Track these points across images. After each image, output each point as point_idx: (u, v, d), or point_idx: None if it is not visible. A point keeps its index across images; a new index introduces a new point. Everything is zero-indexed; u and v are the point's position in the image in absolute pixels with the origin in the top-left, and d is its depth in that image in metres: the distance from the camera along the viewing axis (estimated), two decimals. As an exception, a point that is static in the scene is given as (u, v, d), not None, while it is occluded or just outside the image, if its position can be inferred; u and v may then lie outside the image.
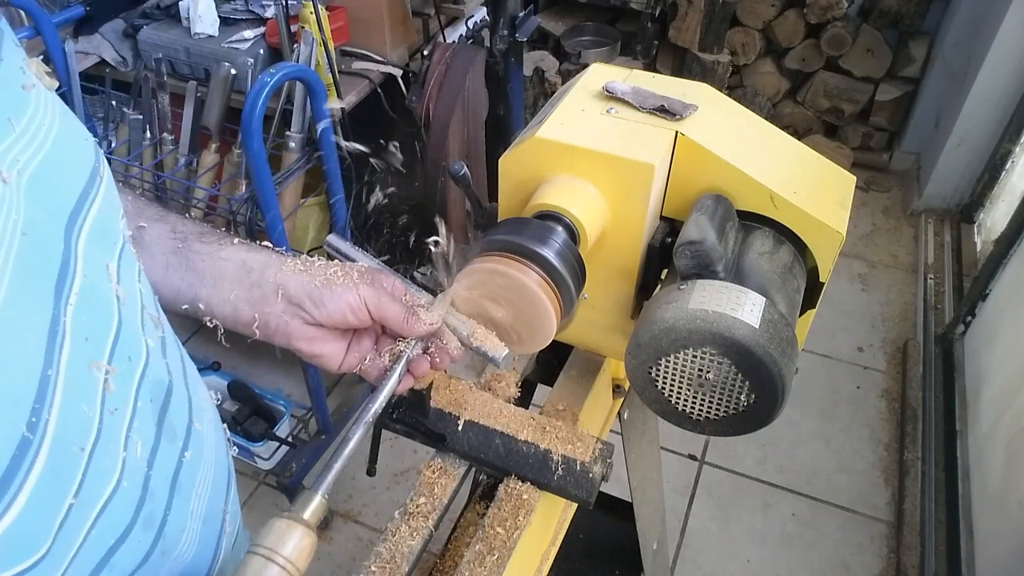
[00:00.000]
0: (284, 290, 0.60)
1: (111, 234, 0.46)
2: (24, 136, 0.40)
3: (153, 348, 0.48)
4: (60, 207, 0.42)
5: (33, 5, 1.61)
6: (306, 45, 1.56)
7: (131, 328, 0.45)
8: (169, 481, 0.49)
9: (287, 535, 0.51)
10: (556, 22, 3.02)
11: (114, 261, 0.45)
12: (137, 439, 0.44)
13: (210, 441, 0.56)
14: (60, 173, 0.42)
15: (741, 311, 0.63)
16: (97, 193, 0.45)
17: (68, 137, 0.43)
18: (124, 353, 0.44)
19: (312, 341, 0.62)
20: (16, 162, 0.38)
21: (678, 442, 2.16)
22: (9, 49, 0.40)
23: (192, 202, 1.71)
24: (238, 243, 0.62)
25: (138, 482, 0.45)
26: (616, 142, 0.70)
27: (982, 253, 2.56)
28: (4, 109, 0.39)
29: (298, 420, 1.99)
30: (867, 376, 2.36)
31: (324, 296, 0.60)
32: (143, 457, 0.45)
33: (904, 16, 2.74)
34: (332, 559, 1.93)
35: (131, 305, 0.46)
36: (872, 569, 1.89)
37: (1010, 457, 1.66)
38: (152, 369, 0.47)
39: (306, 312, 0.60)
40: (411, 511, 0.74)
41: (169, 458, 0.49)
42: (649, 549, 1.20)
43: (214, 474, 0.56)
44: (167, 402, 0.48)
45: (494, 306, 0.66)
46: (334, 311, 0.60)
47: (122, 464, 0.43)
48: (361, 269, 0.63)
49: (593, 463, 0.76)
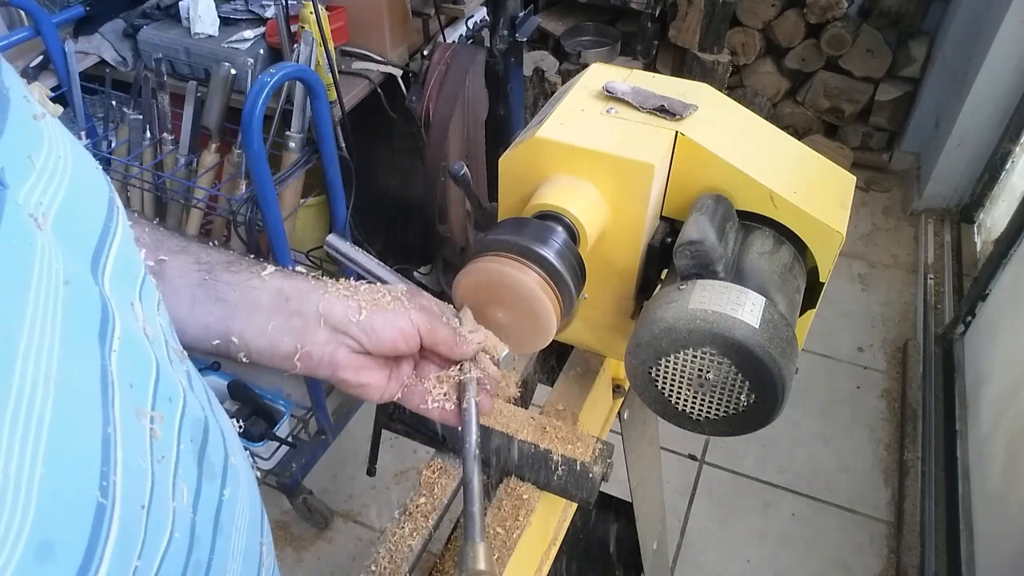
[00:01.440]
0: (329, 317, 0.56)
1: (133, 268, 0.43)
2: (44, 174, 0.36)
3: (186, 385, 0.44)
4: (85, 246, 0.38)
5: (33, 5, 1.61)
6: (306, 45, 1.56)
7: (165, 367, 0.42)
8: (212, 523, 0.46)
9: None
10: (556, 22, 3.02)
11: (136, 298, 0.42)
12: (183, 485, 0.41)
13: (244, 473, 0.52)
14: (81, 209, 0.39)
15: (741, 311, 0.63)
16: (117, 226, 0.42)
17: (82, 169, 0.40)
18: (165, 395, 0.41)
19: (360, 371, 0.58)
20: (40, 204, 0.35)
21: (678, 442, 2.16)
22: (10, 79, 0.37)
23: (192, 202, 1.71)
24: (272, 270, 0.58)
25: (186, 530, 0.42)
26: (616, 142, 0.70)
27: (982, 253, 2.56)
28: (23, 147, 0.35)
29: (298, 420, 1.99)
30: (867, 376, 2.36)
31: (375, 323, 0.56)
32: (189, 503, 0.42)
33: (904, 16, 2.74)
34: (332, 559, 1.93)
35: (158, 342, 0.43)
36: (872, 569, 1.89)
37: (1010, 457, 1.66)
38: (189, 407, 0.44)
39: (353, 340, 0.57)
40: (411, 511, 0.74)
41: (210, 499, 0.46)
42: (649, 549, 1.20)
43: (250, 506, 0.53)
44: (205, 440, 0.45)
45: (494, 306, 0.66)
46: (385, 338, 0.57)
47: (172, 515, 0.40)
48: (405, 291, 0.59)
49: (593, 463, 0.76)
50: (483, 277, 0.65)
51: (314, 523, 1.97)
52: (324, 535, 1.97)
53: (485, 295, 0.66)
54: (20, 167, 0.34)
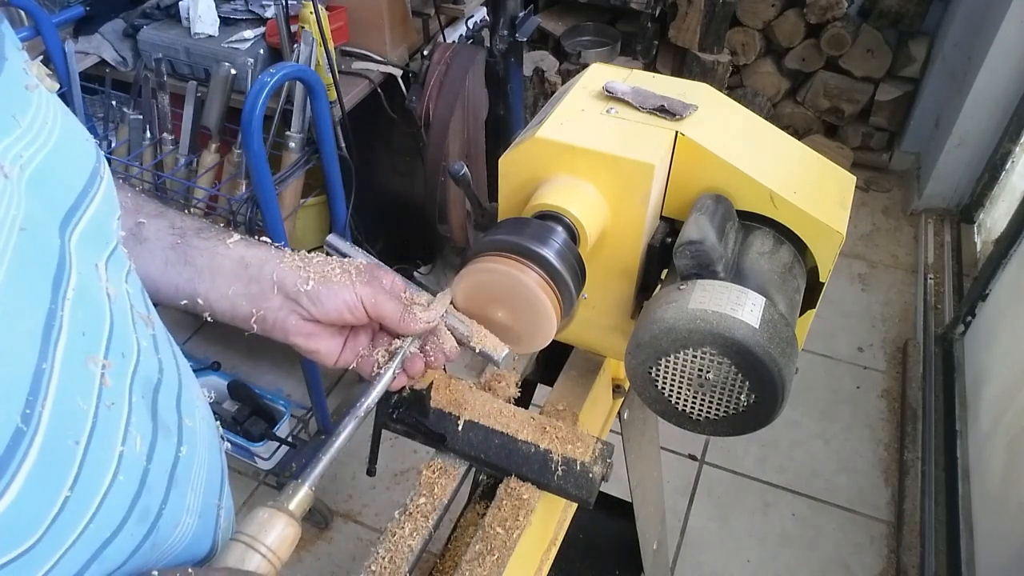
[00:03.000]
0: (281, 286, 0.60)
1: (104, 235, 0.47)
2: (28, 133, 0.40)
3: (145, 347, 0.48)
4: (58, 205, 0.42)
5: (33, 5, 1.61)
6: (306, 45, 1.56)
7: (122, 326, 0.45)
8: (167, 475, 0.49)
9: (270, 524, 0.51)
10: (556, 22, 3.02)
11: (103, 261, 0.46)
12: (136, 433, 0.45)
13: (203, 437, 0.56)
14: (61, 171, 0.43)
15: (741, 311, 0.63)
16: (96, 193, 0.46)
17: (70, 137, 0.44)
18: (118, 349, 0.44)
19: (309, 337, 0.63)
20: (19, 157, 0.39)
21: (678, 442, 2.16)
22: (12, 51, 0.41)
23: (192, 202, 1.71)
24: (237, 239, 0.62)
25: (136, 476, 0.45)
26: (616, 142, 0.70)
27: (982, 253, 2.56)
28: (9, 107, 0.40)
29: (298, 420, 1.99)
30: (867, 376, 2.36)
31: (321, 293, 0.60)
32: (142, 452, 0.46)
33: (904, 16, 2.74)
34: (332, 559, 1.93)
35: (120, 303, 0.46)
36: (872, 569, 1.89)
37: (1010, 457, 1.66)
38: (143, 366, 0.47)
39: (303, 308, 0.61)
40: (411, 511, 0.74)
41: (167, 453, 0.49)
42: (649, 549, 1.20)
43: (208, 469, 0.57)
44: (156, 399, 0.49)
45: (494, 306, 0.66)
46: (331, 308, 0.61)
47: (119, 458, 0.43)
48: (360, 266, 0.63)
49: (593, 463, 0.76)
50: (483, 277, 0.65)
51: (314, 523, 1.97)
52: (324, 535, 1.97)
53: (485, 295, 0.66)
54: (2, 123, 0.39)
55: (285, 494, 0.54)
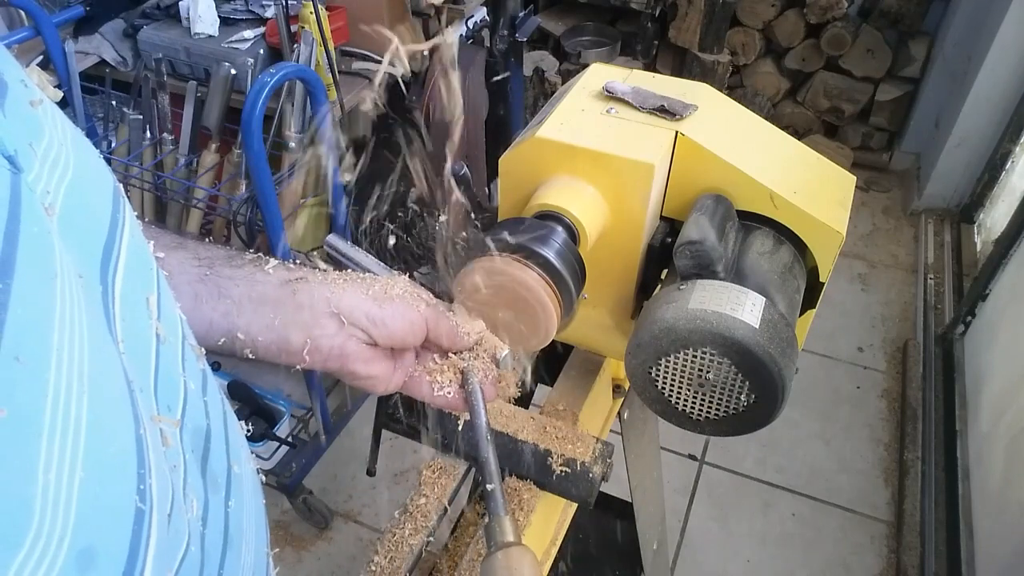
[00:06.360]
0: (339, 309, 0.55)
1: (146, 264, 0.40)
2: (46, 162, 0.34)
3: (192, 390, 0.42)
4: (94, 242, 0.36)
5: (33, 5, 1.62)
6: (306, 45, 1.56)
7: (169, 371, 0.39)
8: (222, 537, 0.44)
9: (519, 563, 0.52)
10: (556, 22, 3.02)
11: (154, 293, 0.39)
12: (192, 496, 0.39)
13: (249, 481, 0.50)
14: (87, 200, 0.36)
15: (741, 311, 0.63)
16: (124, 218, 0.39)
17: (84, 157, 0.37)
18: (164, 402, 0.38)
19: (369, 363, 0.57)
20: (47, 194, 0.32)
21: (678, 442, 2.16)
22: (7, 64, 0.33)
23: (192, 202, 1.71)
24: (275, 263, 0.56)
25: (198, 543, 0.40)
26: (616, 142, 0.70)
27: (982, 253, 2.56)
28: (23, 134, 0.32)
29: (298, 420, 1.99)
30: (867, 376, 2.36)
31: (386, 314, 0.56)
32: (198, 515, 0.40)
33: (904, 16, 2.74)
34: (332, 559, 1.93)
35: (171, 343, 0.40)
36: (872, 569, 1.89)
37: (1010, 457, 1.66)
38: (190, 415, 0.41)
39: (362, 331, 0.55)
40: (411, 511, 0.74)
41: (218, 512, 0.44)
42: (649, 549, 1.20)
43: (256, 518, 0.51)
44: (208, 449, 0.43)
45: (494, 306, 0.66)
46: (396, 330, 0.56)
47: (188, 527, 0.38)
48: (409, 283, 0.59)
49: (593, 463, 0.76)
50: (483, 277, 0.65)
51: (314, 523, 1.97)
52: (324, 535, 1.97)
53: (485, 295, 0.66)
54: (24, 154, 0.32)
55: (496, 532, 0.55)
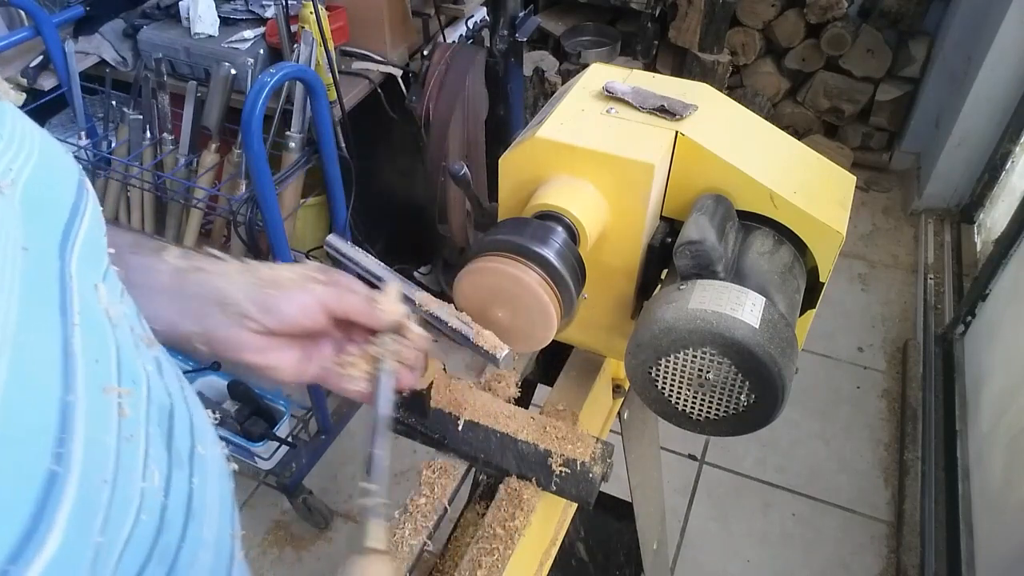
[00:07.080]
0: (225, 296, 0.54)
1: (98, 252, 0.43)
2: (12, 144, 0.37)
3: (151, 371, 0.44)
4: (54, 223, 0.39)
5: (33, 5, 1.62)
6: (306, 45, 1.56)
7: (127, 350, 0.42)
8: (184, 510, 0.46)
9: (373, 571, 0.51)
10: (556, 22, 3.02)
11: (101, 281, 0.42)
12: (154, 467, 0.41)
13: (214, 463, 0.52)
14: (50, 185, 0.39)
15: (741, 311, 0.63)
16: (86, 207, 0.42)
17: (50, 149, 0.41)
18: (128, 376, 0.40)
19: (266, 352, 0.56)
20: (9, 171, 0.35)
21: (678, 442, 2.16)
22: None
23: (192, 202, 1.71)
24: (175, 251, 0.56)
25: (156, 514, 0.42)
26: (616, 142, 0.70)
27: (982, 253, 2.56)
28: None
29: (298, 420, 1.99)
30: (867, 376, 2.36)
31: (271, 300, 0.55)
32: (160, 487, 0.42)
33: (904, 16, 2.74)
34: (332, 559, 1.93)
35: (122, 327, 0.43)
36: (872, 569, 1.89)
37: (1010, 457, 1.66)
38: (154, 392, 0.44)
39: (253, 320, 0.55)
40: (411, 511, 0.74)
41: (181, 485, 0.46)
42: (649, 549, 1.20)
43: (220, 498, 0.52)
44: (171, 426, 0.45)
45: (494, 306, 0.66)
46: (286, 315, 0.55)
47: (140, 496, 0.39)
48: (311, 266, 0.58)
49: (593, 463, 0.76)
50: (483, 277, 0.65)
51: (314, 523, 1.97)
52: (324, 535, 1.97)
53: (485, 295, 0.66)
54: None
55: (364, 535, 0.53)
